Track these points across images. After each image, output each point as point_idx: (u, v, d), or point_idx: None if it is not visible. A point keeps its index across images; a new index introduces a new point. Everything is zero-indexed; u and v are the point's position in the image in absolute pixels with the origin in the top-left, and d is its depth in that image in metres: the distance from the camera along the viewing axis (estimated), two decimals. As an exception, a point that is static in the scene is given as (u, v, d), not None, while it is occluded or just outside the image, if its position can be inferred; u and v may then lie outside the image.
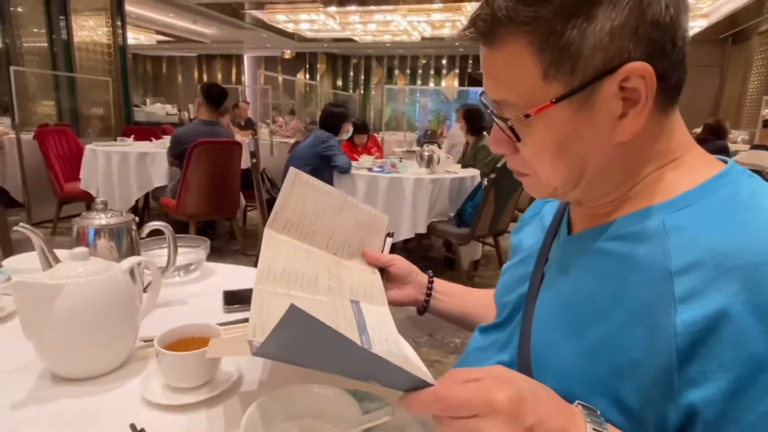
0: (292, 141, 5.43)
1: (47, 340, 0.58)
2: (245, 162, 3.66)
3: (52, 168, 3.91)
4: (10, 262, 0.88)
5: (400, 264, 0.75)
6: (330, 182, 3.22)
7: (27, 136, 4.14)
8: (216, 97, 3.41)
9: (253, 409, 0.48)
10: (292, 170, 0.68)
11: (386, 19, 9.01)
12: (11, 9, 5.51)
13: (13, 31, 5.53)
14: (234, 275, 1.05)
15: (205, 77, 14.30)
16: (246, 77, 14.24)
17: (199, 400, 0.56)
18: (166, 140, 4.18)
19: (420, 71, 13.89)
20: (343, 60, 14.28)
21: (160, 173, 3.68)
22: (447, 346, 2.41)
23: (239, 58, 14.21)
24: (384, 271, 0.75)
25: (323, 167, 3.18)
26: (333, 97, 12.19)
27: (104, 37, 6.07)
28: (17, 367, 0.64)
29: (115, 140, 4.38)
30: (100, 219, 0.77)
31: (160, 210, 3.68)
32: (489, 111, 0.49)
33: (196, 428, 0.54)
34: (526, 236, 0.65)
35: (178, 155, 3.31)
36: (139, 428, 0.51)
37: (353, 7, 8.37)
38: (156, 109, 8.54)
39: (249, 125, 6.15)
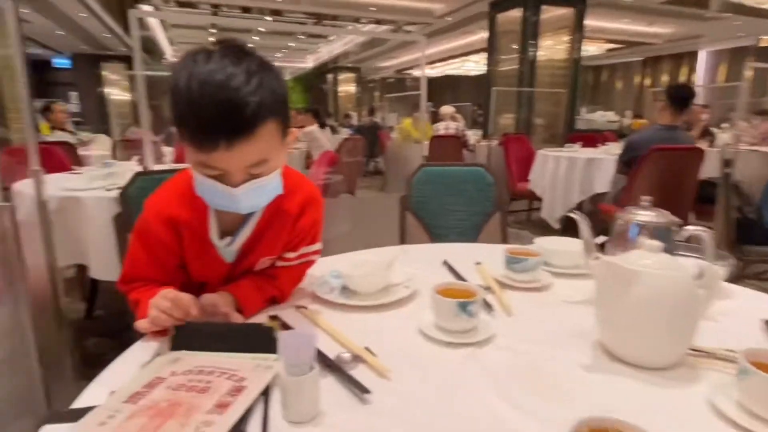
0: (762, 149, 4.27)
1: (613, 319, 0.64)
2: (703, 172, 3.16)
3: (510, 169, 4.68)
4: (542, 241, 1.05)
5: None
6: None
7: (492, 143, 5.17)
8: (683, 99, 3.07)
9: None
10: None
11: None
12: (495, 41, 6.95)
13: (495, 57, 6.96)
14: (759, 301, 0.88)
15: (647, 81, 13.37)
16: (698, 76, 12.30)
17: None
18: (610, 146, 4.19)
19: None
20: None
21: (603, 179, 3.71)
22: None
23: (691, 56, 12.41)
24: None
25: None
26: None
27: (562, 53, 6.70)
28: (570, 332, 0.73)
29: (562, 147, 4.76)
30: (643, 216, 0.80)
31: (594, 216, 3.72)
32: None
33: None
34: None
35: (627, 162, 3.21)
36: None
37: None
38: (595, 117, 8.74)
39: (706, 132, 5.27)
